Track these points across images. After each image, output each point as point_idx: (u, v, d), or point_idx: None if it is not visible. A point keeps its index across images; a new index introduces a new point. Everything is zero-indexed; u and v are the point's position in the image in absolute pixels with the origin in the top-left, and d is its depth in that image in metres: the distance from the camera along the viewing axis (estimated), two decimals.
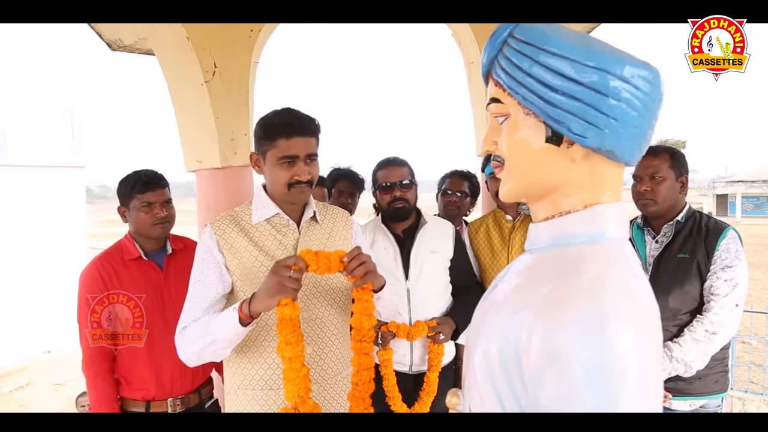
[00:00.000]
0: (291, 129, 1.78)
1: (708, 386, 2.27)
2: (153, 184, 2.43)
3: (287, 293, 1.55)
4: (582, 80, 0.82)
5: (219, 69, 3.10)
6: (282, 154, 1.79)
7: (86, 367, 2.32)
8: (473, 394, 0.90)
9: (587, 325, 0.72)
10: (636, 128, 0.84)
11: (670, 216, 2.35)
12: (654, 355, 0.75)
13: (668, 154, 2.33)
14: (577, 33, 0.87)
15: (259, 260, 1.84)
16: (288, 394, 1.55)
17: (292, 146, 1.78)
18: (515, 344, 0.80)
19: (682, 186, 2.35)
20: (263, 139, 1.82)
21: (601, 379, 0.70)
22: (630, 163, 0.89)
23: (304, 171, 1.81)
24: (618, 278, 0.79)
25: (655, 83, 0.84)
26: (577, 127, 0.83)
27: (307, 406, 1.56)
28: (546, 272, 0.86)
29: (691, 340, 2.17)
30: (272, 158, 1.81)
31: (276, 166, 1.81)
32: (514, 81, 0.87)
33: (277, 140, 1.78)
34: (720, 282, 2.19)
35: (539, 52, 0.84)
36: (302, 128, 1.80)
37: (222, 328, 1.67)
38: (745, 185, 39.98)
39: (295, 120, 1.80)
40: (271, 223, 1.90)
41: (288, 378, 1.56)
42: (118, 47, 3.72)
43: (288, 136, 1.78)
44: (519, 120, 0.89)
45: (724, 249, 2.22)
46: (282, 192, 1.84)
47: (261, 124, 1.84)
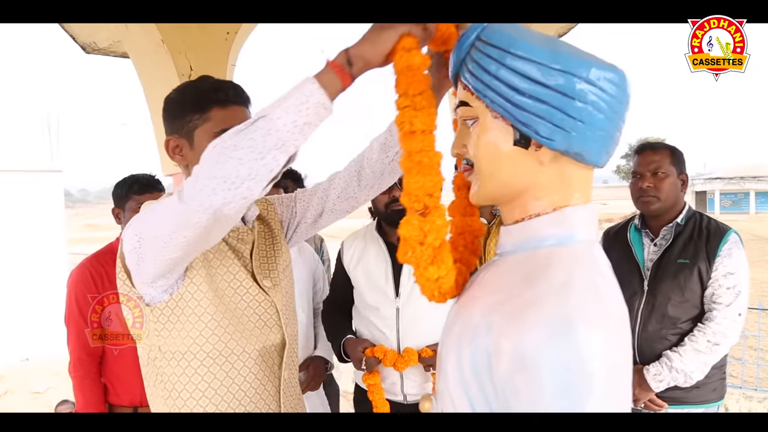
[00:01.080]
0: (226, 95, 1.38)
1: (706, 395, 2.22)
2: (150, 186, 2.45)
3: (412, 29, 1.04)
4: (548, 83, 0.82)
5: (195, 72, 3.09)
6: (219, 127, 1.32)
7: (74, 370, 2.30)
8: (446, 399, 0.90)
9: (555, 328, 0.72)
10: (603, 130, 0.84)
11: (670, 217, 2.28)
12: (622, 358, 0.76)
13: (668, 150, 2.29)
14: (544, 36, 0.87)
15: (234, 267, 1.42)
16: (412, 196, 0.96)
17: (230, 117, 1.35)
18: (485, 349, 0.80)
19: (683, 184, 2.31)
20: (188, 113, 1.37)
21: (569, 381, 0.70)
22: (598, 165, 0.89)
23: None
24: (586, 281, 0.80)
25: (621, 86, 0.85)
26: (544, 130, 0.84)
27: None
28: (515, 276, 0.86)
29: (692, 350, 2.11)
30: (204, 137, 1.34)
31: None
32: (482, 84, 0.87)
33: (210, 110, 1.36)
34: (722, 290, 2.13)
35: (506, 55, 0.85)
36: (237, 95, 1.41)
37: (288, 108, 1.03)
38: (723, 182, 40.55)
39: (228, 85, 1.41)
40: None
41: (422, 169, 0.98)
42: (92, 50, 3.68)
43: (224, 105, 1.37)
44: (487, 123, 0.89)
45: (726, 254, 2.15)
46: None
47: (180, 95, 1.41)
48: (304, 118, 1.03)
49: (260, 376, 1.41)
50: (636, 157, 2.33)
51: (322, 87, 1.03)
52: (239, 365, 1.38)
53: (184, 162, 1.41)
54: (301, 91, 1.03)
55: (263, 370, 1.42)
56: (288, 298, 1.54)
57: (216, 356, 1.35)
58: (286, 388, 1.48)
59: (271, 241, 1.56)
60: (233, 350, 1.36)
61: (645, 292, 2.25)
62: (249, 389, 1.39)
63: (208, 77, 1.45)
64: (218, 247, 1.40)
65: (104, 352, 2.34)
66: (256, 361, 1.40)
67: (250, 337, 1.39)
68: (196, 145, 1.37)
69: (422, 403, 1.00)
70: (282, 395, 1.45)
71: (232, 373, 1.37)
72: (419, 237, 0.93)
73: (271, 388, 1.43)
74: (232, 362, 1.37)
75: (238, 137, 1.02)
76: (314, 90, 1.03)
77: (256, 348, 1.40)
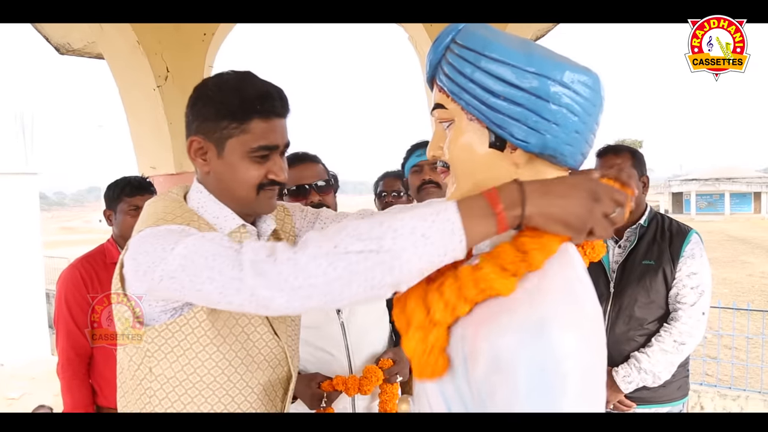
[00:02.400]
0: (272, 106, 1.22)
1: (671, 393, 2.25)
2: (142, 189, 2.47)
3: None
4: (523, 85, 0.83)
5: (172, 73, 3.05)
6: (257, 144, 1.20)
7: (62, 370, 2.31)
8: (422, 400, 0.90)
9: (529, 329, 0.73)
10: (577, 132, 0.85)
11: (633, 218, 2.29)
12: (596, 358, 0.76)
13: (629, 153, 2.31)
14: (519, 39, 0.88)
15: None
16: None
17: (270, 131, 1.21)
18: (461, 351, 0.80)
19: (644, 186, 2.32)
20: (225, 118, 1.20)
21: (543, 382, 0.71)
22: (573, 167, 0.90)
23: (281, 168, 1.25)
24: (561, 282, 0.80)
25: (595, 88, 0.86)
26: (519, 132, 0.84)
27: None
28: None
29: (659, 351, 2.14)
30: (238, 149, 1.21)
31: (244, 161, 1.22)
32: (457, 87, 0.88)
33: (251, 122, 1.20)
34: (687, 290, 2.17)
35: (481, 58, 0.85)
36: (284, 105, 1.25)
37: (419, 251, 0.83)
38: (699, 183, 41.15)
39: (275, 92, 1.24)
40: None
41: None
42: (66, 51, 3.63)
43: (266, 117, 1.21)
44: (463, 125, 0.89)
45: (689, 255, 2.19)
46: (246, 197, 1.25)
47: (220, 94, 1.22)
48: (430, 264, 0.85)
49: (261, 408, 1.30)
50: (598, 160, 2.34)
51: (465, 234, 0.82)
52: (240, 399, 1.26)
53: (206, 168, 1.26)
54: (442, 234, 0.83)
55: (265, 403, 1.31)
56: (294, 327, 1.42)
57: (216, 388, 1.23)
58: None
59: None
60: (236, 384, 1.24)
61: (611, 294, 2.28)
62: (254, 404, 1.29)
63: (252, 76, 1.26)
64: None
65: (93, 354, 2.35)
66: (259, 396, 1.29)
67: (256, 371, 1.28)
68: (227, 156, 1.22)
69: (399, 404, 0.99)
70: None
71: (231, 406, 1.25)
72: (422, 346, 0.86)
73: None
74: (233, 395, 1.25)
75: (358, 262, 0.85)
76: (456, 242, 0.82)
77: (260, 383, 1.28)
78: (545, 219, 0.81)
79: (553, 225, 0.81)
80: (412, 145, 2.55)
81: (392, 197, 3.11)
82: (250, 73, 1.26)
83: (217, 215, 1.26)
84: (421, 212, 0.84)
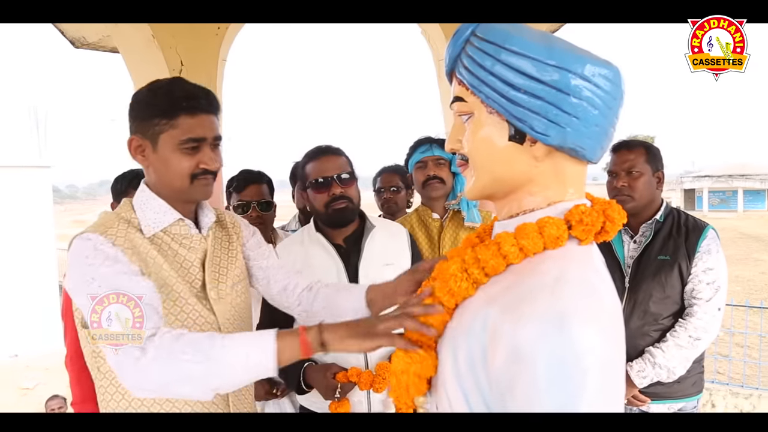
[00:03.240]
0: (197, 103, 1.39)
1: (686, 389, 2.25)
2: None
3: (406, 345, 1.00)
4: (543, 79, 0.82)
5: (186, 67, 3.07)
6: (185, 136, 1.37)
7: (70, 363, 2.27)
8: (440, 392, 0.91)
9: (549, 323, 0.73)
10: (597, 126, 0.85)
11: (648, 214, 2.29)
12: (615, 352, 0.76)
13: (643, 148, 2.29)
14: (540, 32, 0.87)
15: (165, 278, 1.42)
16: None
17: (197, 125, 1.38)
18: (480, 343, 0.80)
19: (659, 181, 2.31)
20: (156, 116, 1.37)
21: (563, 376, 0.71)
22: (592, 161, 0.90)
23: (211, 157, 1.42)
24: (580, 276, 0.80)
25: (615, 82, 0.85)
26: (539, 125, 0.84)
27: None
28: (510, 271, 0.86)
29: (674, 346, 2.13)
30: (169, 143, 1.38)
31: (175, 153, 1.39)
32: (477, 80, 0.87)
33: (178, 117, 1.36)
34: (702, 285, 2.15)
35: (501, 51, 0.85)
36: (208, 102, 1.42)
37: (236, 367, 1.16)
38: (711, 180, 40.82)
39: (198, 92, 1.41)
40: (169, 233, 1.45)
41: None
42: (81, 45, 3.65)
43: (193, 113, 1.38)
44: (482, 118, 0.89)
45: (705, 251, 2.17)
46: (181, 186, 1.42)
47: (151, 96, 1.40)
48: (246, 377, 1.21)
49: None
50: (612, 156, 2.33)
51: (276, 355, 1.16)
52: None
53: (146, 163, 1.44)
54: (258, 352, 1.17)
55: None
56: (237, 311, 1.54)
57: None
58: (235, 399, 1.51)
59: (227, 250, 1.57)
60: None
61: (626, 289, 2.26)
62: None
63: (180, 80, 1.44)
64: (164, 255, 1.43)
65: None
66: None
67: None
68: (160, 150, 1.39)
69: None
70: (231, 404, 1.50)
71: None
72: (404, 367, 0.96)
73: (218, 398, 1.46)
74: None
75: (187, 365, 1.18)
76: (268, 360, 1.16)
77: None
78: (343, 345, 1.14)
79: (350, 346, 1.14)
80: (416, 141, 2.54)
81: (391, 193, 3.07)
82: (179, 78, 1.45)
83: (156, 211, 1.44)
84: (247, 337, 1.21)
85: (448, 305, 0.91)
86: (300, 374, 1.94)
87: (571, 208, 0.87)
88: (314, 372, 1.92)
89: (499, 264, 0.86)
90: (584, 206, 0.87)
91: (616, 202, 0.92)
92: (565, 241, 0.85)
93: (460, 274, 0.89)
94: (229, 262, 1.55)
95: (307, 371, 1.94)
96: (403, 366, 0.95)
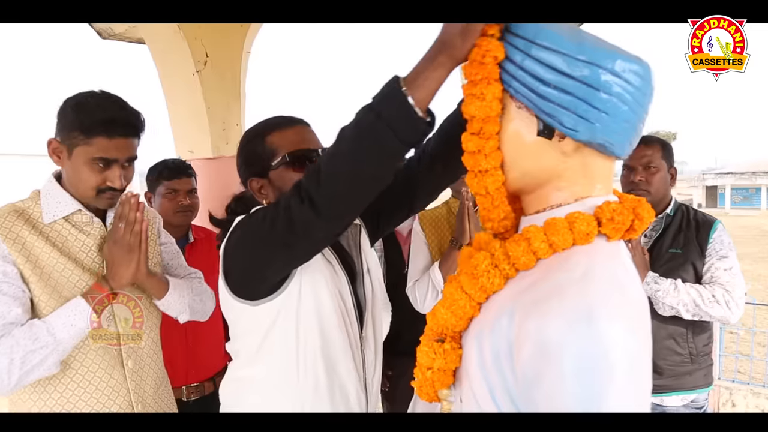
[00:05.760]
0: (114, 128, 1.47)
1: (697, 381, 2.26)
2: (180, 171, 2.50)
3: None
4: (574, 74, 0.83)
5: (211, 59, 3.09)
6: (97, 155, 1.47)
7: None
8: (464, 385, 0.92)
9: (576, 318, 0.73)
10: (627, 122, 0.85)
11: (659, 209, 2.31)
12: (642, 348, 0.76)
13: (660, 145, 2.32)
14: (570, 27, 0.87)
15: (61, 264, 1.51)
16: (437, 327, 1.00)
17: (112, 148, 1.47)
18: (507, 337, 0.81)
19: (672, 177, 2.35)
20: (75, 131, 1.46)
21: (590, 371, 0.71)
22: (621, 156, 0.90)
23: (118, 177, 1.51)
24: (607, 271, 0.80)
25: (645, 77, 0.85)
26: (568, 120, 0.84)
27: None
28: (537, 266, 0.87)
29: (696, 292, 2.12)
30: (82, 156, 1.47)
31: (85, 166, 1.48)
32: (507, 74, 0.88)
33: (95, 138, 1.45)
34: (720, 272, 2.17)
35: (531, 46, 0.85)
36: (128, 127, 1.50)
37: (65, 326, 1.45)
38: (734, 177, 40.25)
39: (121, 116, 1.49)
40: (70, 221, 1.56)
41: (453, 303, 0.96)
42: (108, 36, 3.69)
43: (109, 136, 1.46)
44: (511, 113, 0.90)
45: (718, 240, 2.20)
46: (86, 196, 1.54)
47: (75, 111, 1.47)
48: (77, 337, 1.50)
49: (103, 365, 1.56)
50: None
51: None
52: (80, 356, 1.53)
53: (60, 164, 1.54)
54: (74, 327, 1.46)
55: (106, 360, 1.57)
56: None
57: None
58: (134, 376, 1.62)
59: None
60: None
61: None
62: (93, 379, 1.55)
63: (109, 100, 1.50)
64: (59, 243, 1.54)
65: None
66: (97, 351, 1.56)
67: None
68: (73, 159, 1.49)
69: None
70: (129, 383, 1.60)
71: (82, 359, 1.54)
72: (428, 363, 0.97)
73: (117, 376, 1.58)
74: (73, 354, 1.52)
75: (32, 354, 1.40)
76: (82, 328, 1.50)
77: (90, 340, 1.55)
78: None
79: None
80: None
81: None
82: (109, 97, 1.51)
83: (59, 200, 1.55)
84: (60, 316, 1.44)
85: (479, 300, 0.92)
86: None
87: (602, 205, 0.87)
88: None
89: (530, 260, 0.87)
90: (615, 204, 0.87)
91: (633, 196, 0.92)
92: (594, 237, 0.85)
93: (492, 270, 0.90)
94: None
95: None
96: (428, 361, 0.97)
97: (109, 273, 1.53)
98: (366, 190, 1.08)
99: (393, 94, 0.97)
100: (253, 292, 1.31)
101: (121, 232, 1.51)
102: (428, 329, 1.01)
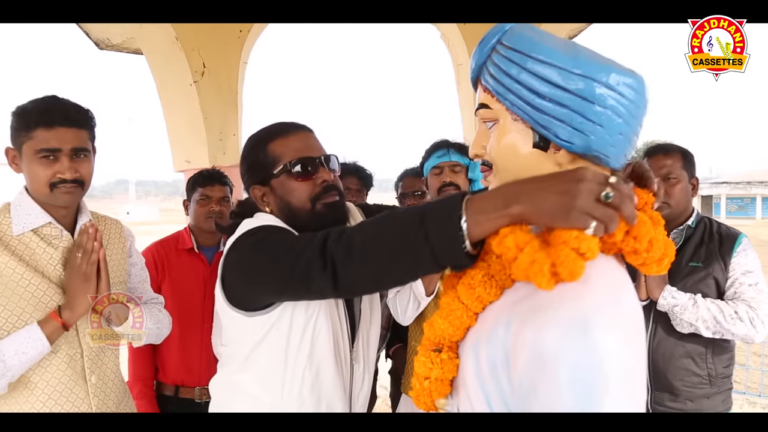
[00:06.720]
0: (51, 117, 1.51)
1: (716, 406, 2.14)
2: (213, 179, 2.58)
3: None
4: (569, 87, 0.84)
5: (208, 69, 3.11)
6: (40, 146, 1.50)
7: (129, 345, 2.39)
8: (461, 395, 0.92)
9: (572, 328, 0.73)
10: (621, 134, 0.86)
11: (680, 221, 2.19)
12: (637, 358, 0.77)
13: (680, 154, 2.18)
14: (565, 41, 0.89)
15: (26, 278, 1.53)
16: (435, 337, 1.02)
17: (53, 137, 1.50)
18: (503, 346, 0.81)
19: (693, 188, 2.21)
20: (18, 130, 1.53)
21: (586, 381, 0.71)
22: (616, 168, 0.90)
23: (68, 168, 1.52)
24: (603, 281, 0.81)
25: (639, 90, 0.86)
26: (563, 133, 0.85)
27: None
28: None
29: (717, 309, 1.99)
30: (29, 152, 1.52)
31: (34, 162, 1.52)
32: (502, 87, 0.89)
33: (35, 130, 1.50)
34: (744, 287, 2.05)
35: (527, 59, 0.86)
36: (67, 117, 1.53)
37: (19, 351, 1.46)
38: (729, 186, 40.38)
39: (57, 107, 1.53)
40: (39, 233, 1.58)
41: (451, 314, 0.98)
42: (105, 46, 3.71)
43: (48, 126, 1.50)
44: (507, 125, 0.91)
45: (743, 254, 2.08)
46: (44, 193, 1.55)
47: (16, 112, 1.54)
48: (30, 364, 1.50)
49: (64, 379, 1.57)
50: (647, 160, 2.20)
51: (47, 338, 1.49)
52: (40, 371, 1.54)
53: (18, 171, 1.58)
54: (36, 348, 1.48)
55: (69, 375, 1.58)
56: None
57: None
58: (97, 391, 1.64)
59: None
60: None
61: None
62: (53, 393, 1.55)
63: (49, 98, 1.55)
64: (25, 256, 1.55)
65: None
66: (58, 366, 1.57)
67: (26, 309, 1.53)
68: (24, 159, 1.53)
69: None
70: (92, 398, 1.62)
71: (44, 374, 1.54)
72: (426, 372, 0.97)
73: (79, 391, 1.60)
74: (34, 369, 1.53)
75: None
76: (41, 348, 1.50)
77: (53, 352, 1.56)
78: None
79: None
80: (432, 145, 2.47)
81: (415, 198, 2.93)
82: (49, 96, 1.56)
83: (29, 212, 1.57)
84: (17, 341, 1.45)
85: (476, 310, 0.93)
86: None
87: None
88: None
89: None
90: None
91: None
92: (596, 255, 0.81)
93: (489, 280, 0.91)
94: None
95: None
96: (425, 371, 0.97)
97: (67, 302, 1.54)
98: (388, 284, 1.10)
99: (449, 220, 0.88)
100: (248, 307, 1.32)
101: (78, 261, 1.52)
102: (426, 339, 1.02)
